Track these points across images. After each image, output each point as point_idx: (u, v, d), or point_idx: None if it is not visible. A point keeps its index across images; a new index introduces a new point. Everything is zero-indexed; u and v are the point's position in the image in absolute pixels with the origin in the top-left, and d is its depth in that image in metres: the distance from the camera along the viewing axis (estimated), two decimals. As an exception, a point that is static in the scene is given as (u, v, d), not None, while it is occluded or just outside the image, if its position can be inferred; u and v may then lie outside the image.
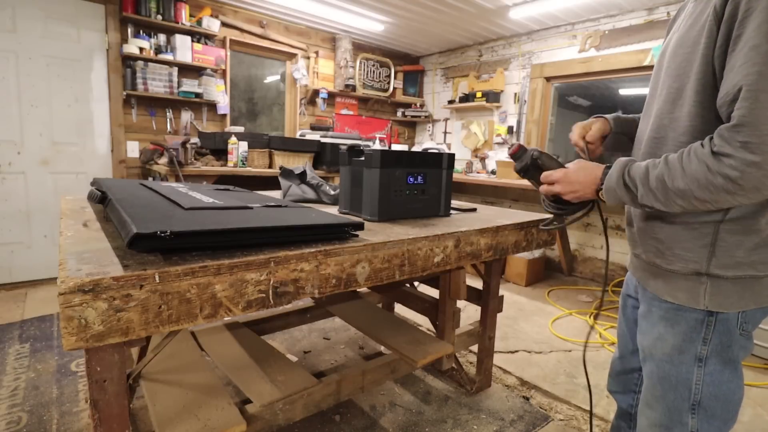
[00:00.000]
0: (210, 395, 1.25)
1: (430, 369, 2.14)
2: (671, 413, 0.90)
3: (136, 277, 0.73)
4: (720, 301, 0.83)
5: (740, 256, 0.81)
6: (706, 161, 0.73)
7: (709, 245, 0.82)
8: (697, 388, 0.87)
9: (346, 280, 1.03)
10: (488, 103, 4.39)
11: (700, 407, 0.87)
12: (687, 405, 0.88)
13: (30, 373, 1.96)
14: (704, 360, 0.86)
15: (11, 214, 3.09)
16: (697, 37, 0.79)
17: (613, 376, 1.17)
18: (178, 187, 1.55)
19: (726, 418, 0.88)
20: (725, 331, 0.84)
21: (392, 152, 1.43)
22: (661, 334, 0.90)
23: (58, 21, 3.08)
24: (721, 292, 0.82)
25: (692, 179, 0.75)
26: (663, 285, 0.90)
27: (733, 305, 0.82)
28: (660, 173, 0.79)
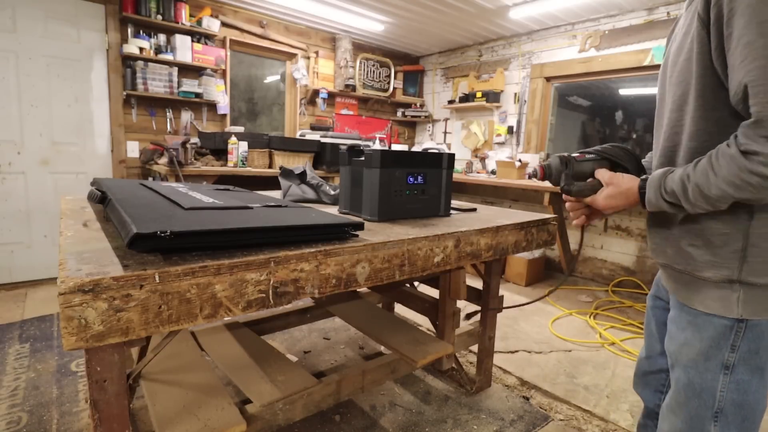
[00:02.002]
0: (210, 395, 1.25)
1: (430, 369, 2.14)
2: (693, 421, 0.88)
3: (136, 277, 0.73)
4: (754, 308, 0.80)
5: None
6: (737, 162, 0.71)
7: (740, 250, 0.80)
8: (722, 396, 0.85)
9: (346, 280, 1.03)
10: (488, 103, 4.39)
11: (722, 415, 0.85)
12: (710, 413, 0.86)
13: (30, 373, 1.96)
14: (731, 368, 0.84)
15: (11, 214, 3.09)
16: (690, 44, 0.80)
17: (640, 375, 1.16)
18: (178, 187, 1.55)
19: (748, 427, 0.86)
20: (755, 337, 0.81)
21: (392, 152, 1.43)
22: (687, 340, 0.88)
23: (58, 21, 3.08)
24: (756, 300, 0.80)
25: (728, 183, 0.73)
26: (694, 294, 0.87)
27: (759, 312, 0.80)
28: (695, 184, 0.77)
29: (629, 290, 3.53)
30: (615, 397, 1.96)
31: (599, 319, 2.90)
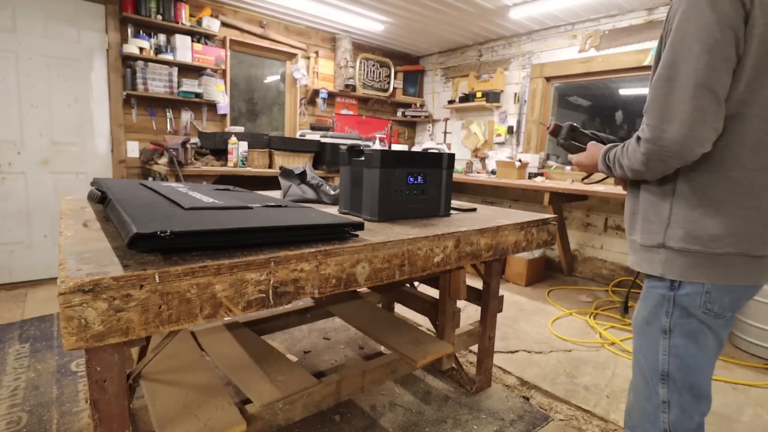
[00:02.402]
0: (210, 395, 1.25)
1: (430, 369, 2.14)
2: (647, 382, 1.00)
3: (136, 277, 0.73)
4: (671, 269, 0.94)
5: (692, 230, 0.91)
6: (633, 144, 0.94)
7: (667, 219, 0.95)
8: (664, 359, 0.97)
9: (346, 280, 1.03)
10: (488, 103, 4.39)
11: (669, 378, 0.96)
12: (657, 375, 0.98)
13: (30, 373, 1.96)
14: (668, 332, 0.96)
15: (11, 214, 3.09)
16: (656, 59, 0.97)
17: None
18: (178, 187, 1.55)
19: (696, 393, 0.96)
20: (685, 306, 0.93)
21: (392, 152, 1.43)
22: (638, 309, 1.05)
23: (58, 21, 3.08)
24: (673, 261, 0.93)
25: (631, 158, 0.94)
26: (636, 258, 1.03)
27: (683, 275, 0.92)
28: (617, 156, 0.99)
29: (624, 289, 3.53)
30: (615, 397, 1.96)
31: (599, 319, 2.90)
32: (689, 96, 0.83)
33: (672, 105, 0.85)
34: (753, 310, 2.44)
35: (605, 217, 3.75)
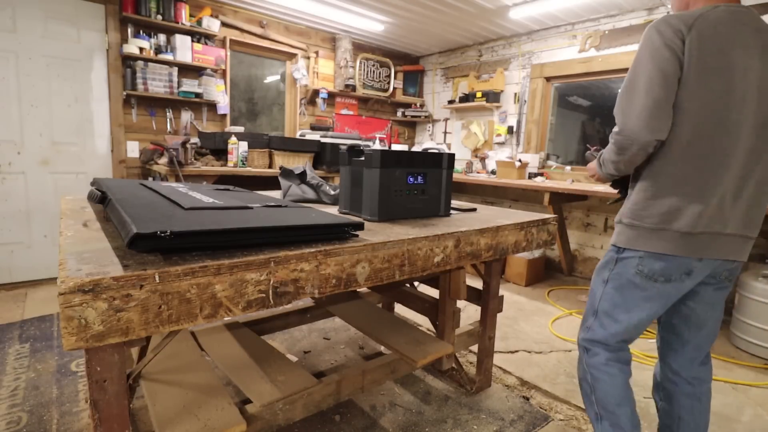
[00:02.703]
0: (210, 395, 1.25)
1: (430, 369, 2.14)
2: (586, 313, 1.35)
3: (136, 277, 0.73)
4: (620, 238, 1.23)
5: (637, 210, 1.19)
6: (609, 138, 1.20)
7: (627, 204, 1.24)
8: (600, 301, 1.29)
9: (346, 280, 1.03)
10: (488, 103, 4.39)
11: (598, 314, 1.29)
12: (592, 311, 1.31)
13: (30, 373, 1.96)
14: (606, 282, 1.27)
15: (11, 214, 3.09)
16: None
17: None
18: (178, 187, 1.55)
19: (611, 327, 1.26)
20: (623, 266, 1.23)
21: (392, 152, 1.43)
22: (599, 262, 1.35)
23: (58, 21, 3.08)
24: (621, 233, 1.23)
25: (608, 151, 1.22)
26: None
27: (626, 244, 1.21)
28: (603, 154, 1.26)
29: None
30: (615, 397, 1.96)
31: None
32: (644, 98, 1.08)
33: (631, 105, 1.10)
34: (753, 310, 2.44)
35: (605, 217, 3.75)
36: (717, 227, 1.10)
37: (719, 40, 1.05)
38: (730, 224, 1.11)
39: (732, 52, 1.05)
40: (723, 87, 1.05)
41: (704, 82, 1.06)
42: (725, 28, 1.05)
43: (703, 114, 1.07)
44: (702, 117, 1.07)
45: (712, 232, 1.10)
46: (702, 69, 1.05)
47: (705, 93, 1.06)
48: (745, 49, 1.05)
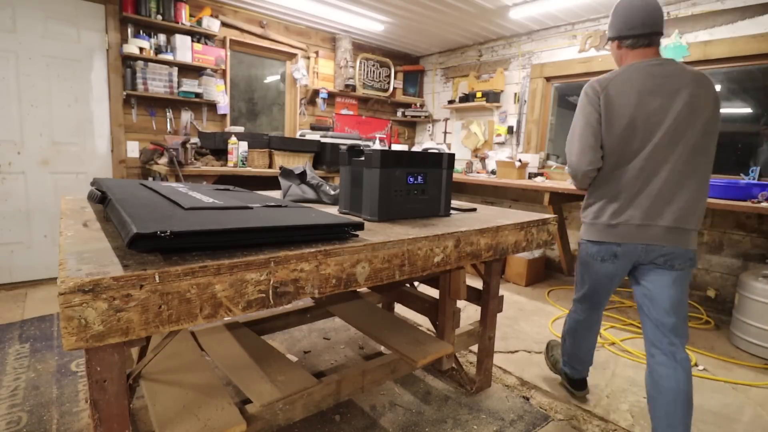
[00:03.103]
0: (210, 395, 1.25)
1: (430, 369, 2.14)
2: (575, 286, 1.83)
3: (136, 277, 0.73)
4: (582, 234, 1.69)
5: (585, 212, 1.65)
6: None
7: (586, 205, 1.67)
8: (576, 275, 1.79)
9: (346, 280, 1.03)
10: (488, 103, 4.39)
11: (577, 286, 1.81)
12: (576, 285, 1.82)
13: (30, 373, 1.96)
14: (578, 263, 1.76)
15: (11, 214, 3.09)
16: None
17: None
18: (178, 187, 1.55)
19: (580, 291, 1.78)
20: (581, 250, 1.71)
21: (392, 152, 1.43)
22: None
23: (58, 21, 3.09)
24: (582, 228, 1.69)
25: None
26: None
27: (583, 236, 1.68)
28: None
29: (629, 290, 3.53)
30: (615, 397, 1.96)
31: (599, 319, 2.90)
32: (578, 143, 1.56)
33: (572, 148, 1.58)
34: (753, 310, 2.44)
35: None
36: (632, 220, 1.51)
37: (625, 93, 1.48)
38: (639, 217, 1.49)
39: (638, 100, 1.46)
40: (625, 127, 1.48)
41: (612, 126, 1.50)
42: (633, 82, 1.47)
43: (612, 148, 1.52)
44: (612, 149, 1.52)
45: (626, 223, 1.52)
46: (610, 117, 1.50)
47: (613, 133, 1.50)
48: (650, 93, 1.45)
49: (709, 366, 2.30)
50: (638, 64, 1.49)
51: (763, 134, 3.09)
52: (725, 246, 3.10)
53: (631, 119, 1.47)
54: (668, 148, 1.45)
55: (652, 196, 1.47)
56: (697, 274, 3.23)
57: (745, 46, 2.91)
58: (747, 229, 3.00)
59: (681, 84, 1.43)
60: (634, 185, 1.49)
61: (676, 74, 1.45)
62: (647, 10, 1.48)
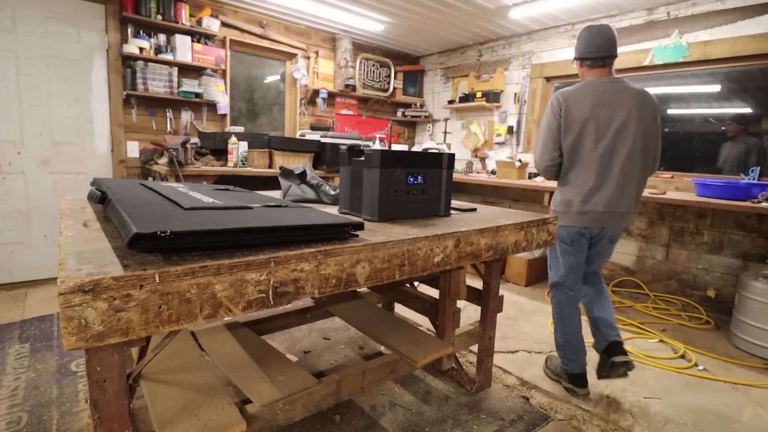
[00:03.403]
0: (210, 395, 1.25)
1: (430, 369, 2.14)
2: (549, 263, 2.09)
3: (136, 277, 0.73)
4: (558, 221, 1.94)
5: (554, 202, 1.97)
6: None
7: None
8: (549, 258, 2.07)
9: (346, 280, 1.03)
10: (488, 103, 4.39)
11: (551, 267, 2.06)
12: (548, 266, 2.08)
13: (30, 373, 1.96)
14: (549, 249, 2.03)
15: (11, 214, 3.09)
16: None
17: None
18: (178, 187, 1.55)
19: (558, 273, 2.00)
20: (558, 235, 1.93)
21: (392, 152, 1.43)
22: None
23: (58, 21, 3.09)
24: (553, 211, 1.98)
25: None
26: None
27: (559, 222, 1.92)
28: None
29: (629, 290, 3.53)
30: (615, 397, 1.96)
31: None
32: (541, 145, 1.91)
33: (537, 148, 1.95)
34: (753, 310, 2.44)
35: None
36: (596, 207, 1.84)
37: (582, 105, 1.81)
38: (602, 206, 1.84)
39: (591, 111, 1.80)
40: (579, 132, 1.82)
41: (570, 132, 1.83)
42: (589, 96, 1.82)
43: (570, 149, 1.86)
44: (570, 151, 1.86)
45: (593, 211, 1.85)
46: (568, 124, 1.83)
47: (570, 138, 1.84)
48: (601, 106, 1.80)
49: (709, 366, 2.30)
50: (594, 81, 1.85)
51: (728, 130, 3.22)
52: (725, 246, 3.10)
53: (584, 126, 1.82)
54: (615, 151, 1.82)
55: (610, 190, 1.83)
56: (697, 274, 3.24)
57: (745, 46, 2.91)
58: (747, 229, 3.00)
59: (626, 99, 1.81)
60: (595, 181, 1.84)
61: (622, 91, 1.82)
62: (604, 38, 1.83)
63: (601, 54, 1.84)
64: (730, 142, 3.19)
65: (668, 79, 3.41)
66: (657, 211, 3.42)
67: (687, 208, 3.24)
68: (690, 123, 3.40)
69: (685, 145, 3.40)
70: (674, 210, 3.33)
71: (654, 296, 3.37)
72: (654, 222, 3.45)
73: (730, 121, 3.16)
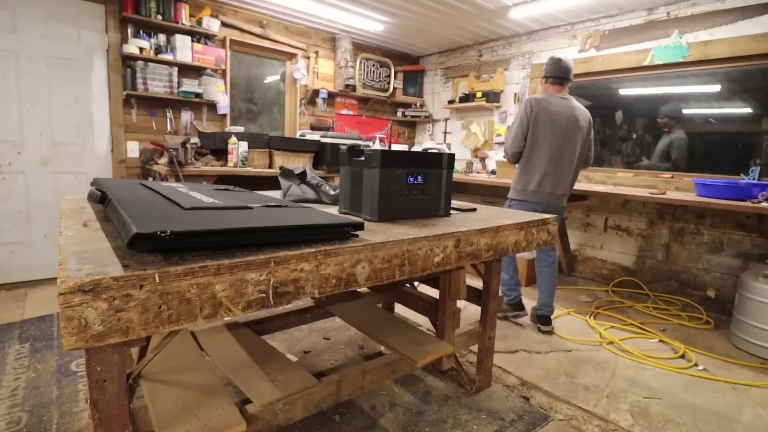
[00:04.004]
0: (210, 395, 1.25)
1: (430, 369, 2.14)
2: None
3: (136, 277, 0.73)
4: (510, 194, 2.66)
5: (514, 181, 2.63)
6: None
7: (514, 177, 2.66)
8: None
9: (346, 280, 1.03)
10: (488, 103, 4.39)
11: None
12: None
13: (30, 373, 1.96)
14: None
15: (11, 214, 3.09)
16: None
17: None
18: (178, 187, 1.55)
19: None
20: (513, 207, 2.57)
21: (392, 152, 1.43)
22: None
23: (58, 21, 3.09)
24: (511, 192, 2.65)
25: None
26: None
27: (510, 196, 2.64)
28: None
29: (629, 290, 3.53)
30: (615, 397, 1.96)
31: (599, 319, 2.90)
32: (512, 136, 2.58)
33: (508, 137, 2.62)
34: (753, 310, 2.44)
35: (605, 217, 3.75)
36: (545, 189, 2.52)
37: (545, 110, 2.48)
38: (548, 188, 2.52)
39: (550, 117, 2.47)
40: (543, 130, 2.48)
41: (535, 129, 2.50)
42: (550, 105, 2.48)
43: (533, 142, 2.51)
44: (533, 143, 2.51)
45: (543, 191, 2.52)
46: (534, 124, 2.50)
47: (535, 133, 2.50)
48: (557, 114, 2.48)
49: (709, 366, 2.30)
50: (554, 95, 2.55)
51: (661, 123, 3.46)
52: (725, 246, 3.10)
53: (545, 128, 2.49)
54: (560, 150, 2.51)
55: (556, 177, 2.52)
56: (697, 274, 3.24)
57: (745, 46, 2.91)
58: (747, 229, 3.00)
59: (574, 112, 2.52)
60: (546, 170, 2.51)
61: (571, 106, 2.53)
62: (563, 65, 2.56)
63: (560, 75, 2.56)
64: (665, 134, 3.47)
65: (668, 79, 3.41)
66: (657, 211, 3.42)
67: (687, 208, 3.25)
68: (690, 123, 3.40)
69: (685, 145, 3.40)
70: (674, 210, 3.33)
71: (654, 296, 3.37)
72: (654, 222, 3.45)
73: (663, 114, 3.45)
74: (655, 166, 3.51)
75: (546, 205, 2.53)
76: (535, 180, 2.50)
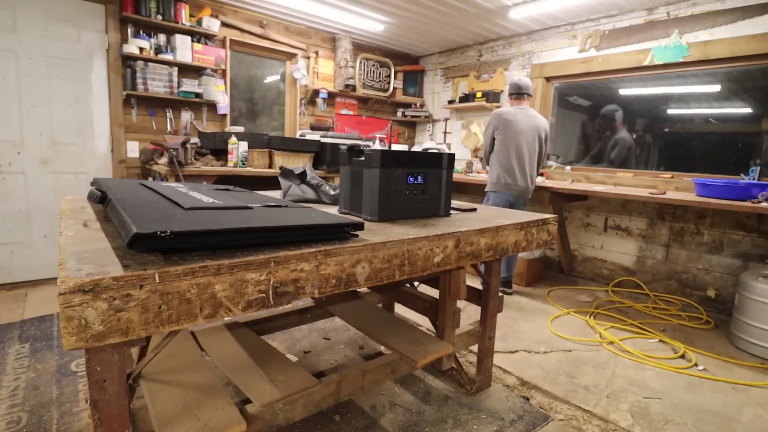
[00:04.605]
0: (210, 395, 1.25)
1: (430, 369, 2.14)
2: None
3: (136, 277, 0.73)
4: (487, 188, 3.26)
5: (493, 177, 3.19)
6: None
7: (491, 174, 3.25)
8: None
9: (346, 280, 1.03)
10: (488, 103, 4.39)
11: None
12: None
13: (30, 373, 1.96)
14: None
15: (11, 214, 3.09)
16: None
17: None
18: (178, 187, 1.55)
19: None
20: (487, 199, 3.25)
21: (392, 152, 1.43)
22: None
23: (58, 21, 3.09)
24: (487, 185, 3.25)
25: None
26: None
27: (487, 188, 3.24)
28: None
29: (629, 290, 3.53)
30: (615, 397, 1.96)
31: (599, 319, 2.90)
32: (487, 140, 3.28)
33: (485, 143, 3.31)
34: (753, 310, 2.44)
35: (605, 217, 3.75)
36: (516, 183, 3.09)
37: (509, 121, 3.09)
38: (520, 182, 3.09)
39: (516, 126, 3.08)
40: (506, 137, 3.09)
41: (501, 137, 3.12)
42: (513, 117, 3.09)
43: (502, 147, 3.11)
44: (501, 148, 3.11)
45: (514, 184, 3.09)
46: (501, 133, 3.12)
47: (501, 140, 3.11)
48: (518, 123, 3.08)
49: (709, 366, 2.30)
50: (517, 107, 3.15)
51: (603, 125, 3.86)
52: (725, 246, 3.10)
53: (509, 134, 3.08)
54: (524, 150, 3.09)
55: (523, 171, 3.10)
56: (697, 274, 3.24)
57: (745, 46, 2.91)
58: (747, 229, 3.00)
59: (533, 121, 3.12)
60: (515, 166, 3.08)
61: (530, 115, 3.12)
62: (519, 84, 3.18)
63: (518, 92, 3.18)
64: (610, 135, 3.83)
65: (668, 79, 3.41)
66: (657, 211, 3.42)
67: (687, 208, 3.25)
68: (690, 123, 3.40)
69: (685, 145, 3.40)
70: (674, 210, 3.33)
71: (654, 296, 3.37)
72: (654, 222, 3.45)
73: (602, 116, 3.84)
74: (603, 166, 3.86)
75: (516, 197, 3.13)
76: (505, 174, 3.10)
